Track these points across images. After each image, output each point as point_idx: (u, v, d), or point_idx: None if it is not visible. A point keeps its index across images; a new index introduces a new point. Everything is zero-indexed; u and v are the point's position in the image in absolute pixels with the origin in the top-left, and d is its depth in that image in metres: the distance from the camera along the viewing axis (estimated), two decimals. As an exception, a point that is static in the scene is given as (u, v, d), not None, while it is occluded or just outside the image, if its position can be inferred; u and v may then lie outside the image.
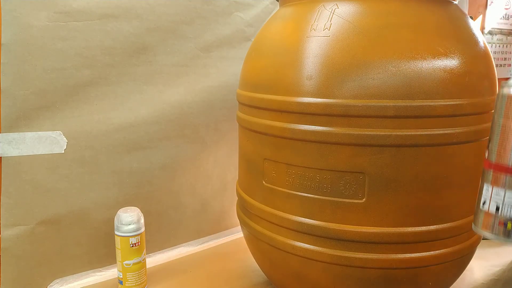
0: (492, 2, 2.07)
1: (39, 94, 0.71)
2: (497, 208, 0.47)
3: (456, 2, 0.64)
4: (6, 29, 0.68)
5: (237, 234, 1.00)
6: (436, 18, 0.58)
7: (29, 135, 0.72)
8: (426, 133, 0.54)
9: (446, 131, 0.55)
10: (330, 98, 0.55)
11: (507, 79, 0.47)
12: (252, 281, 0.79)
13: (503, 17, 2.14)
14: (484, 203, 0.48)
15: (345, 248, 0.58)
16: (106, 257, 0.81)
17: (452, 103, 0.55)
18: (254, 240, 0.70)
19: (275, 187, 0.62)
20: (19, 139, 0.71)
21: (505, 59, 2.20)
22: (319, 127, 0.56)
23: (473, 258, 0.68)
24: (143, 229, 0.74)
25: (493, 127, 0.46)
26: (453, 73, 0.55)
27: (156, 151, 0.85)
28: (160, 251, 0.90)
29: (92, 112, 0.77)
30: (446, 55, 0.55)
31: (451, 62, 0.55)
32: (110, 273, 0.81)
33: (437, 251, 0.58)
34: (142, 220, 0.74)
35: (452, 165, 0.57)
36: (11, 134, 0.70)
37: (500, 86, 0.47)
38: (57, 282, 0.77)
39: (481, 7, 2.04)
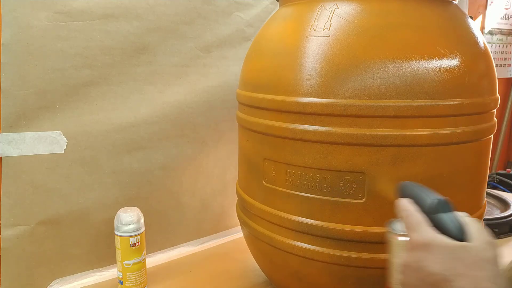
0: (492, 2, 2.07)
1: (39, 94, 0.71)
2: None
3: (456, 2, 0.64)
4: (6, 29, 0.68)
5: (237, 234, 1.00)
6: (436, 18, 0.58)
7: (29, 135, 0.72)
8: (426, 133, 0.54)
9: (446, 131, 0.55)
10: (330, 98, 0.55)
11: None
12: (252, 281, 0.79)
13: (503, 17, 2.15)
14: None
15: (345, 248, 0.58)
16: (106, 257, 0.81)
17: (452, 103, 0.55)
18: (254, 240, 0.70)
19: (275, 187, 0.62)
20: (19, 139, 0.71)
21: (505, 59, 2.20)
22: (319, 127, 0.56)
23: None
24: (143, 229, 0.74)
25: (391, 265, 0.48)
26: (453, 73, 0.55)
27: (156, 151, 0.85)
28: (160, 251, 0.90)
29: (92, 112, 0.77)
30: (446, 55, 0.55)
31: (451, 62, 0.55)
32: (110, 273, 0.81)
33: (437, 251, 0.58)
34: (142, 220, 0.74)
35: (452, 165, 0.57)
36: (11, 134, 0.70)
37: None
38: (57, 282, 0.77)
39: (481, 7, 2.04)
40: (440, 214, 0.43)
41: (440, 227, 0.42)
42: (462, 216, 0.43)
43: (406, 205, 0.46)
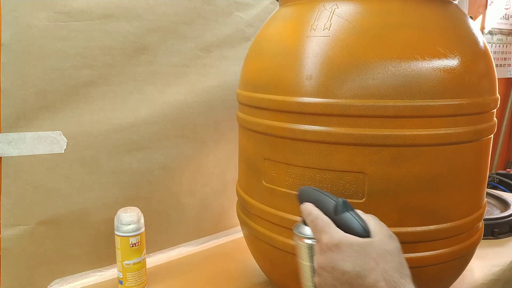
0: (492, 2, 2.07)
1: (39, 94, 0.71)
2: None
3: (456, 2, 0.64)
4: (6, 29, 0.68)
5: (237, 234, 1.00)
6: (436, 18, 0.58)
7: (29, 135, 0.72)
8: (426, 133, 0.54)
9: (446, 131, 0.55)
10: (330, 98, 0.55)
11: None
12: (252, 281, 0.79)
13: (503, 17, 2.15)
14: None
15: (345, 248, 0.58)
16: (106, 257, 0.81)
17: (452, 103, 0.55)
18: (254, 240, 0.70)
19: (275, 187, 0.62)
20: (19, 139, 0.71)
21: (505, 59, 2.20)
22: (319, 127, 0.56)
23: (473, 258, 0.68)
24: (143, 229, 0.74)
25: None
26: (453, 73, 0.55)
27: (156, 151, 0.85)
28: (160, 251, 0.90)
29: (92, 112, 0.77)
30: (446, 55, 0.55)
31: (451, 62, 0.55)
32: (110, 273, 0.81)
33: (437, 251, 0.58)
34: (142, 220, 0.74)
35: (452, 165, 0.57)
36: (11, 134, 0.70)
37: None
38: (57, 282, 0.77)
39: (481, 7, 2.04)
40: (343, 214, 0.45)
41: (345, 227, 0.44)
42: (362, 214, 0.46)
43: (310, 208, 0.48)
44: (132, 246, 0.72)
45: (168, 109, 0.85)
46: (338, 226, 0.45)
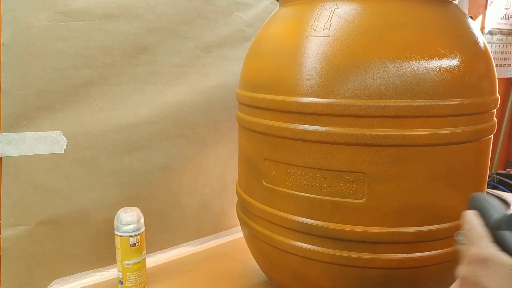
0: (492, 2, 2.07)
1: (39, 94, 0.71)
2: None
3: (456, 2, 0.64)
4: (6, 29, 0.68)
5: (237, 234, 1.00)
6: (436, 18, 0.58)
7: (29, 135, 0.72)
8: (426, 133, 0.54)
9: (446, 131, 0.55)
10: (330, 98, 0.55)
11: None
12: (252, 281, 0.79)
13: (503, 17, 2.15)
14: None
15: (345, 248, 0.58)
16: (106, 257, 0.81)
17: (452, 103, 0.55)
18: (254, 240, 0.70)
19: (275, 187, 0.62)
20: (19, 139, 0.71)
21: (505, 59, 2.20)
22: (319, 127, 0.56)
23: (473, 258, 0.68)
24: (143, 229, 0.74)
25: None
26: (453, 73, 0.55)
27: (156, 151, 0.85)
28: (160, 251, 0.90)
29: (92, 112, 0.77)
30: (446, 55, 0.55)
31: (451, 62, 0.55)
32: (110, 273, 0.81)
33: (437, 251, 0.58)
34: (142, 220, 0.74)
35: (452, 165, 0.57)
36: (11, 134, 0.70)
37: None
38: (57, 282, 0.77)
39: (481, 7, 2.04)
40: (503, 231, 0.42)
41: (502, 244, 0.41)
42: None
43: (470, 217, 0.45)
44: (132, 246, 0.72)
45: (168, 109, 0.85)
46: (496, 242, 0.42)
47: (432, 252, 0.58)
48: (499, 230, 0.42)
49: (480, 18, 2.04)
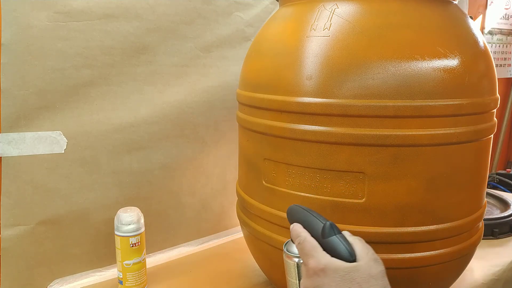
0: (492, 2, 2.07)
1: (39, 94, 0.71)
2: None
3: (456, 2, 0.64)
4: (6, 29, 0.68)
5: (237, 234, 1.00)
6: (436, 18, 0.58)
7: (29, 135, 0.72)
8: (426, 133, 0.54)
9: (446, 131, 0.55)
10: (330, 98, 0.55)
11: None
12: (252, 281, 0.79)
13: (503, 17, 2.15)
14: None
15: (345, 248, 0.58)
16: (106, 257, 0.81)
17: (452, 103, 0.55)
18: (254, 240, 0.70)
19: (275, 187, 0.62)
20: (19, 139, 0.71)
21: (505, 59, 2.20)
22: (319, 127, 0.56)
23: (473, 258, 0.68)
24: (143, 229, 0.74)
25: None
26: (453, 73, 0.55)
27: (156, 151, 0.85)
28: (160, 251, 0.90)
29: (92, 112, 0.77)
30: (446, 55, 0.55)
31: (451, 62, 0.55)
32: (110, 273, 0.81)
33: (437, 251, 0.58)
34: (142, 220, 0.74)
35: (452, 165, 0.57)
36: (11, 134, 0.70)
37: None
38: (57, 282, 0.77)
39: (481, 7, 2.04)
40: (330, 238, 0.45)
41: (332, 251, 0.45)
42: (349, 237, 0.46)
43: (299, 230, 0.48)
44: (132, 246, 0.72)
45: (168, 109, 0.85)
46: (325, 249, 0.45)
47: (432, 252, 0.58)
48: (327, 238, 0.45)
49: (480, 18, 2.04)
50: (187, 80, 0.88)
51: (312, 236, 0.47)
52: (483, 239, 0.69)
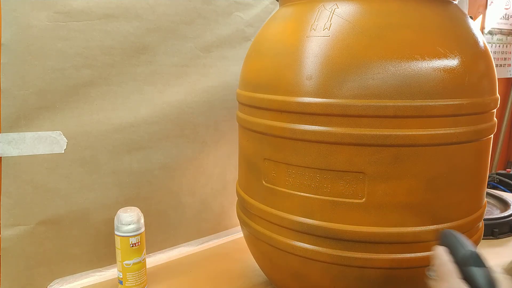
0: (492, 2, 2.07)
1: (39, 94, 0.71)
2: None
3: (456, 2, 0.64)
4: (6, 29, 0.68)
5: (237, 234, 1.00)
6: (436, 18, 0.58)
7: (29, 135, 0.72)
8: (426, 133, 0.54)
9: (446, 131, 0.55)
10: (330, 98, 0.55)
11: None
12: (252, 281, 0.79)
13: (503, 17, 2.15)
14: None
15: (345, 248, 0.58)
16: (106, 257, 0.81)
17: (452, 103, 0.55)
18: (254, 240, 0.70)
19: (275, 187, 0.62)
20: (19, 139, 0.71)
21: (505, 59, 2.20)
22: (319, 127, 0.56)
23: (473, 258, 0.68)
24: (143, 229, 0.74)
25: None
26: (453, 73, 0.55)
27: (156, 151, 0.85)
28: (160, 251, 0.90)
29: (92, 112, 0.77)
30: (446, 55, 0.55)
31: (451, 62, 0.55)
32: (110, 273, 0.81)
33: (437, 251, 0.58)
34: (142, 220, 0.74)
35: (452, 165, 0.57)
36: (11, 134, 0.70)
37: None
38: (57, 282, 0.77)
39: (481, 7, 2.04)
40: (472, 268, 0.44)
41: (470, 280, 0.43)
42: (495, 272, 0.44)
43: (440, 253, 0.47)
44: (132, 246, 0.72)
45: (168, 109, 0.85)
46: (464, 278, 0.44)
47: (432, 252, 0.58)
48: (467, 267, 0.44)
49: (480, 18, 2.04)
50: (187, 80, 0.88)
51: (456, 262, 0.46)
52: (483, 239, 0.69)
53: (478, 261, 0.44)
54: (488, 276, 0.43)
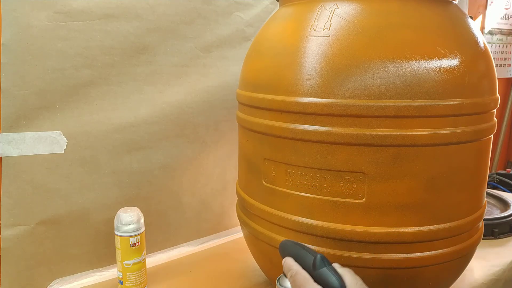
0: (492, 2, 2.07)
1: (39, 94, 0.71)
2: None
3: (456, 2, 0.64)
4: (6, 29, 0.68)
5: (237, 234, 1.00)
6: (436, 18, 0.58)
7: (29, 135, 0.72)
8: (426, 133, 0.54)
9: (446, 131, 0.55)
10: (330, 98, 0.55)
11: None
12: (252, 281, 0.79)
13: (503, 17, 2.15)
14: None
15: (345, 248, 0.58)
16: (106, 257, 0.81)
17: (452, 103, 0.55)
18: (254, 240, 0.70)
19: (275, 187, 0.62)
20: (19, 139, 0.71)
21: (505, 59, 2.20)
22: (319, 127, 0.56)
23: (473, 258, 0.68)
24: (143, 229, 0.74)
25: None
26: (453, 73, 0.55)
27: (156, 151, 0.85)
28: (160, 251, 0.90)
29: (92, 112, 0.77)
30: (446, 55, 0.55)
31: (451, 62, 0.55)
32: (110, 273, 0.81)
33: (437, 251, 0.58)
34: (142, 220, 0.74)
35: (452, 165, 0.57)
36: (11, 134, 0.70)
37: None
38: (57, 282, 0.77)
39: (481, 7, 2.04)
40: (321, 270, 0.46)
41: (323, 282, 0.46)
42: (339, 268, 0.47)
43: (291, 264, 0.49)
44: (132, 246, 0.72)
45: (168, 109, 0.85)
46: (316, 281, 0.46)
47: (432, 252, 0.58)
48: (318, 269, 0.46)
49: (480, 18, 2.04)
50: (187, 80, 0.88)
51: (304, 268, 0.48)
52: (483, 239, 0.69)
53: (326, 261, 0.47)
54: (336, 273, 0.46)
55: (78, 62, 0.74)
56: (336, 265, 0.48)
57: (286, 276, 0.51)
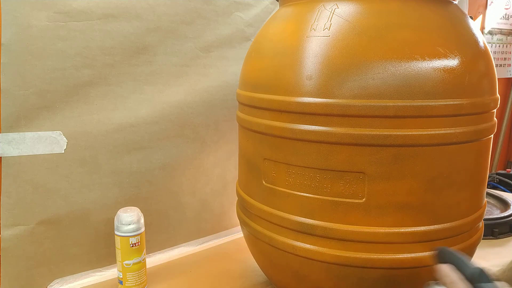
0: (492, 2, 2.07)
1: (39, 94, 0.71)
2: None
3: (456, 2, 0.64)
4: (6, 29, 0.68)
5: (237, 234, 1.00)
6: (436, 18, 0.58)
7: (29, 135, 0.72)
8: (426, 133, 0.54)
9: (446, 131, 0.55)
10: (330, 98, 0.55)
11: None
12: (252, 281, 0.79)
13: (503, 17, 2.15)
14: None
15: (345, 248, 0.58)
16: (106, 257, 0.81)
17: (452, 103, 0.55)
18: (254, 240, 0.70)
19: (275, 187, 0.62)
20: (19, 139, 0.71)
21: (505, 59, 2.20)
22: (319, 127, 0.56)
23: (473, 258, 0.68)
24: (143, 229, 0.74)
25: None
26: (453, 73, 0.55)
27: (156, 151, 0.85)
28: (160, 251, 0.90)
29: (92, 112, 0.77)
30: (446, 55, 0.55)
31: (451, 62, 0.55)
32: (110, 273, 0.81)
33: (437, 251, 0.58)
34: (142, 220, 0.74)
35: (452, 165, 0.57)
36: (11, 134, 0.70)
37: None
38: (57, 282, 0.77)
39: (481, 7, 2.04)
40: (483, 284, 0.45)
41: None
42: (502, 286, 0.45)
43: (448, 272, 0.48)
44: (132, 246, 0.72)
45: (168, 109, 0.85)
46: None
47: (432, 252, 0.58)
48: (478, 283, 0.45)
49: (480, 18, 2.04)
50: (187, 80, 0.88)
51: (464, 280, 0.46)
52: (483, 239, 0.69)
53: (486, 277, 0.45)
54: None
55: (78, 62, 0.74)
56: (500, 284, 0.46)
57: (437, 282, 0.49)
